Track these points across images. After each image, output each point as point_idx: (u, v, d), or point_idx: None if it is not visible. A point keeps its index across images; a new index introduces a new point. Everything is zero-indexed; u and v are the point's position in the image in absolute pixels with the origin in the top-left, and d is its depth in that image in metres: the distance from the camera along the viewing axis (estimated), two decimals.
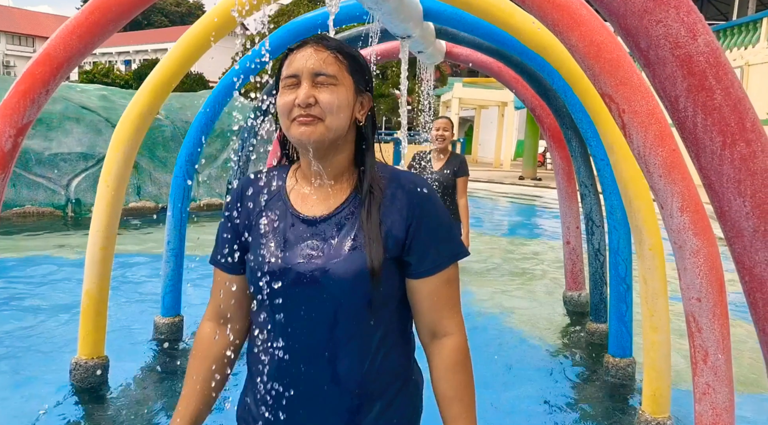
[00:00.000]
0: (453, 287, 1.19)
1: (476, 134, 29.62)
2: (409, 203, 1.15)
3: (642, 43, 1.10)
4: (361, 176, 1.18)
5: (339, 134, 1.13)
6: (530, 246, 7.51)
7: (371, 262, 1.09)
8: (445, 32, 3.54)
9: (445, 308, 1.17)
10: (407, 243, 1.14)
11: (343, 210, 1.16)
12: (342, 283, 1.10)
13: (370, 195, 1.14)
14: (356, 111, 1.18)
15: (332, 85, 1.11)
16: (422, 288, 1.16)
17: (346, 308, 1.12)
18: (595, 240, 3.75)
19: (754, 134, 1.06)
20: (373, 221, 1.12)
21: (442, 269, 1.16)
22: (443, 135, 4.91)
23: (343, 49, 1.15)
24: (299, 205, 1.18)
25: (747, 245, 1.07)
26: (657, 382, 2.42)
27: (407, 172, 1.21)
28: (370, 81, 1.21)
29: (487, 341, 3.82)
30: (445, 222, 1.19)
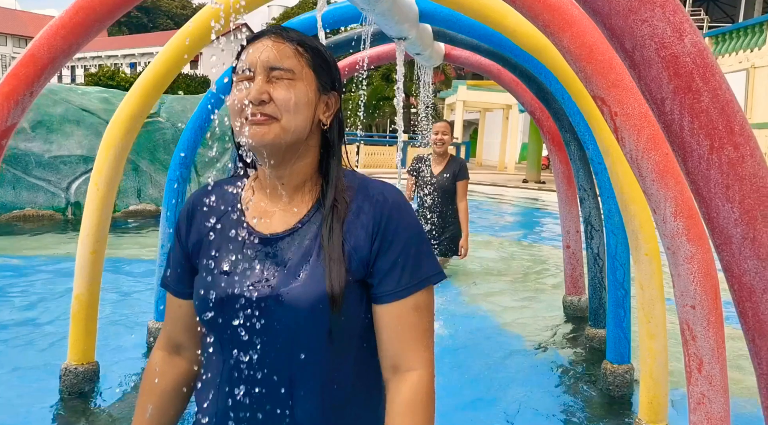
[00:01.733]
0: (422, 316, 1.01)
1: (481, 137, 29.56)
2: (375, 216, 1.01)
3: (627, 43, 1.07)
4: (325, 186, 1.04)
5: (298, 137, 1.00)
6: (532, 250, 7.47)
7: (331, 286, 0.95)
8: (444, 34, 3.51)
9: (411, 340, 1.00)
10: (371, 262, 1.00)
11: (303, 226, 1.02)
12: (297, 311, 0.96)
13: (334, 209, 1.01)
14: (320, 112, 1.05)
15: (289, 81, 0.99)
16: (384, 315, 1.00)
17: (304, 340, 0.97)
18: (594, 244, 3.71)
19: (743, 138, 1.02)
20: (335, 239, 0.98)
21: (408, 294, 1.00)
22: (442, 139, 4.90)
23: (305, 42, 1.03)
24: (256, 221, 1.05)
25: (735, 252, 1.03)
26: (654, 390, 2.38)
27: (377, 181, 1.08)
28: (337, 79, 1.09)
29: (484, 345, 3.78)
30: (418, 240, 1.03)
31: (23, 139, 7.54)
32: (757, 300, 1.03)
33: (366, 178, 1.09)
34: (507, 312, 4.54)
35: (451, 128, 5.04)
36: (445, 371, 3.28)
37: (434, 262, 1.04)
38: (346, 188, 1.04)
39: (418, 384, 1.00)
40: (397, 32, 2.85)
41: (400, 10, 2.55)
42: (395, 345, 1.00)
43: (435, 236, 5.06)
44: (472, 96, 24.77)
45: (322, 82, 1.04)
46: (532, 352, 3.72)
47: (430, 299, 1.04)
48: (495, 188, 15.94)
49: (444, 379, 3.16)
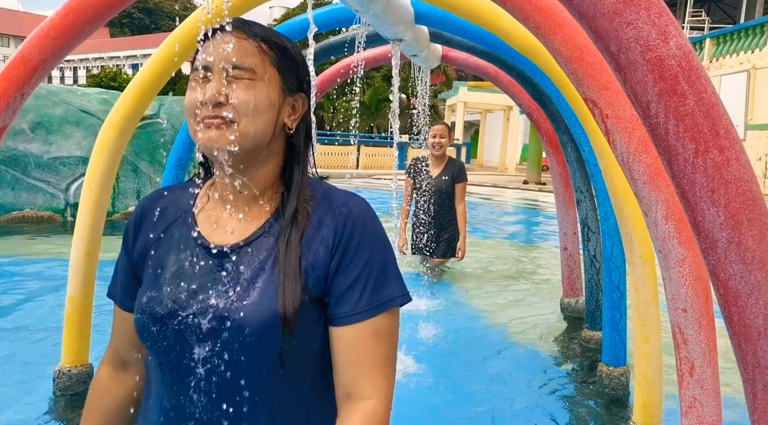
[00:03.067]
0: (382, 342, 0.92)
1: (482, 138, 29.57)
2: (337, 229, 0.92)
3: (612, 46, 1.06)
4: (286, 195, 0.96)
5: (258, 142, 0.92)
6: (531, 251, 7.46)
7: (284, 306, 0.86)
8: (440, 36, 3.51)
9: (367, 367, 0.90)
10: (329, 280, 0.91)
11: (258, 238, 0.93)
12: (245, 332, 0.86)
13: (294, 221, 0.93)
14: (284, 115, 0.96)
15: (249, 81, 0.90)
16: (340, 338, 0.91)
17: (251, 363, 0.88)
18: (591, 246, 3.70)
19: (728, 141, 1.01)
20: (293, 254, 0.90)
21: (368, 317, 0.90)
22: (440, 142, 4.89)
23: (270, 38, 0.94)
24: (208, 231, 0.96)
25: (721, 256, 1.03)
26: (648, 393, 2.37)
27: (343, 191, 0.99)
28: (305, 80, 1.00)
29: (480, 346, 3.78)
30: (382, 258, 0.93)
31: (22, 140, 7.54)
32: (743, 305, 1.02)
33: (331, 188, 1.01)
34: (504, 314, 4.53)
35: (449, 130, 5.04)
36: (440, 371, 3.28)
37: (399, 282, 0.95)
38: (309, 198, 0.96)
39: (370, 415, 0.90)
40: (393, 34, 2.85)
41: (394, 12, 2.55)
42: (350, 371, 0.91)
43: (433, 238, 5.05)
44: (472, 97, 24.78)
45: (287, 83, 0.96)
46: (529, 354, 3.71)
47: (393, 323, 0.94)
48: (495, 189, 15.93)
49: (439, 379, 3.18)
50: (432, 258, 5.15)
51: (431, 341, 3.79)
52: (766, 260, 1.01)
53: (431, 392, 3.04)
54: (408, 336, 3.77)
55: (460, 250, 4.96)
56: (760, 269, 1.01)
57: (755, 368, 1.03)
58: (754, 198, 1.01)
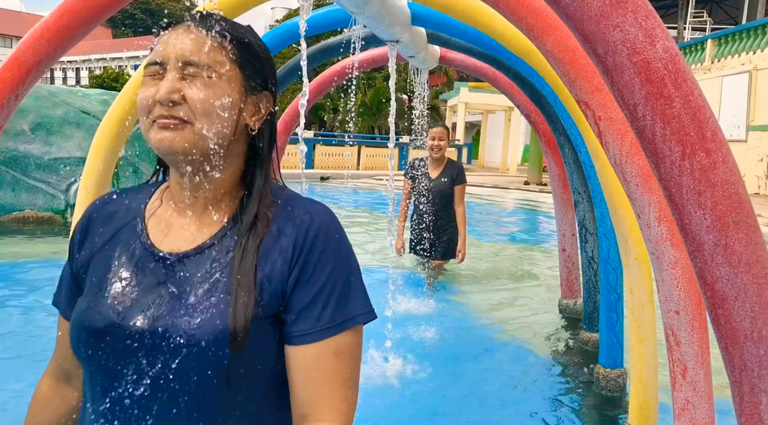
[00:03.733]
0: (344, 363, 0.85)
1: (483, 139, 29.55)
2: (297, 240, 0.85)
3: (599, 48, 1.06)
4: (245, 201, 0.90)
5: (216, 144, 0.85)
6: (530, 252, 7.45)
7: (234, 321, 0.79)
8: (437, 37, 3.51)
9: (326, 388, 0.83)
10: (287, 295, 0.84)
11: (212, 246, 0.86)
12: (189, 348, 0.79)
13: (252, 229, 0.86)
14: (247, 115, 0.89)
15: (207, 79, 0.84)
16: (298, 357, 0.84)
17: (195, 383, 0.80)
18: (589, 248, 3.69)
19: (714, 144, 1.01)
20: (248, 265, 0.83)
21: (329, 335, 0.84)
22: (439, 145, 4.85)
23: (231, 33, 0.88)
24: (158, 237, 0.89)
25: (708, 259, 1.03)
26: (644, 395, 2.36)
27: (307, 199, 0.93)
28: (271, 78, 0.94)
29: (478, 347, 3.78)
30: (346, 272, 0.87)
31: (23, 141, 7.56)
32: (729, 307, 1.02)
33: (295, 195, 0.94)
34: (502, 315, 4.53)
35: (448, 132, 5.02)
36: (437, 372, 3.28)
37: (364, 298, 0.88)
38: (269, 205, 0.89)
39: None
40: (389, 35, 2.85)
41: (390, 14, 2.55)
42: (307, 392, 0.84)
43: (432, 240, 5.04)
44: (473, 98, 24.77)
45: (250, 81, 0.89)
46: (526, 355, 3.71)
47: (356, 342, 0.87)
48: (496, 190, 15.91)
49: (435, 380, 3.18)
50: (431, 260, 5.15)
51: (429, 341, 3.79)
52: (752, 263, 1.00)
53: (428, 392, 3.04)
54: (406, 336, 3.77)
55: (460, 252, 4.95)
56: (746, 271, 1.01)
57: (742, 371, 1.03)
58: (740, 201, 1.01)
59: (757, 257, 1.01)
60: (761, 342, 1.00)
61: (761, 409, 1.02)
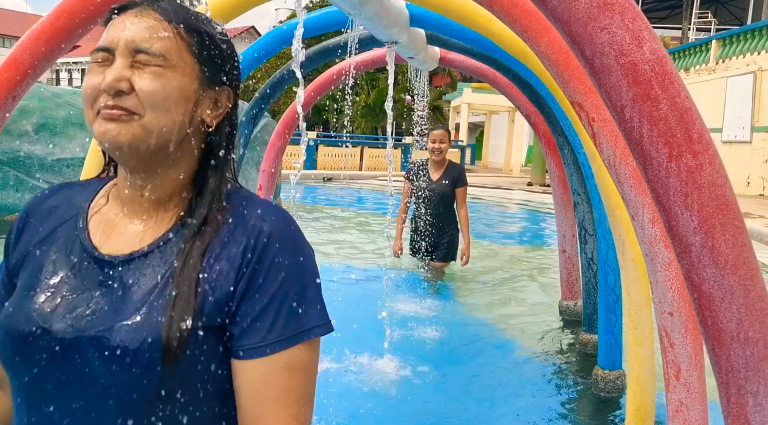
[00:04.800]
0: (296, 379, 0.78)
1: (486, 140, 29.53)
2: (247, 246, 0.78)
3: (587, 50, 1.06)
4: (195, 202, 0.83)
5: (166, 140, 0.79)
6: (532, 253, 7.44)
7: (168, 334, 0.72)
8: (437, 38, 3.51)
9: (275, 406, 0.77)
10: (233, 305, 0.77)
11: (155, 250, 0.80)
12: (119, 360, 0.72)
13: (199, 234, 0.79)
14: (203, 111, 0.83)
15: (159, 68, 0.77)
16: (245, 373, 0.77)
17: (126, 399, 0.73)
18: (588, 249, 3.69)
19: (701, 146, 1.02)
20: (190, 272, 0.76)
21: (278, 349, 0.77)
22: (440, 147, 4.83)
23: (189, 21, 0.81)
24: (99, 237, 0.82)
25: (695, 261, 1.03)
26: (641, 396, 2.36)
27: (264, 202, 0.85)
28: (232, 73, 0.87)
29: (477, 349, 3.78)
30: (300, 281, 0.80)
31: (27, 141, 7.59)
32: (716, 309, 1.02)
33: (252, 197, 0.86)
34: (503, 317, 4.53)
35: (449, 134, 5.01)
36: (435, 373, 3.28)
37: (320, 310, 0.81)
38: (221, 208, 0.83)
39: None
40: (387, 36, 2.85)
41: (388, 14, 2.55)
42: (255, 409, 0.77)
43: (433, 242, 5.03)
44: (477, 99, 24.75)
45: (208, 74, 0.83)
46: (525, 357, 3.70)
47: (311, 356, 0.80)
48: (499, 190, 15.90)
49: (434, 381, 3.18)
50: (432, 262, 5.14)
51: (427, 342, 3.79)
52: (739, 265, 1.01)
53: (426, 393, 3.05)
54: (403, 336, 3.78)
55: (465, 255, 4.94)
56: (733, 273, 1.01)
57: (728, 372, 1.03)
58: (727, 203, 1.01)
59: (743, 259, 1.01)
60: (747, 344, 1.01)
61: (747, 410, 1.02)
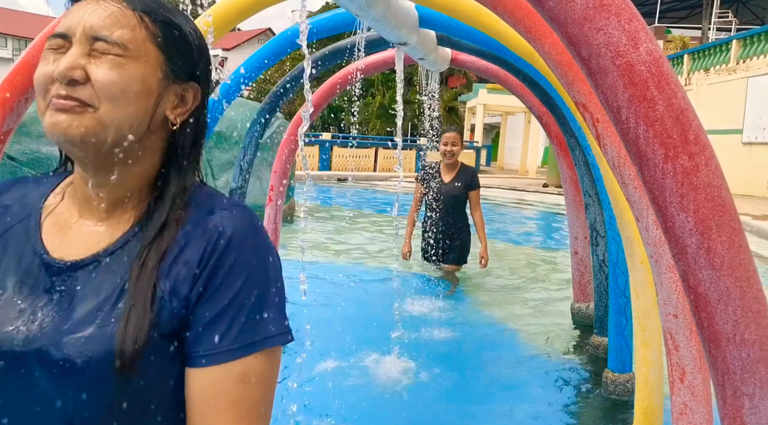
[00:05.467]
0: (251, 390, 0.73)
1: (502, 141, 29.41)
2: (206, 249, 0.74)
3: (583, 51, 1.07)
4: (154, 204, 0.78)
5: (123, 136, 0.73)
6: (545, 255, 7.40)
7: (122, 344, 0.68)
8: (447, 39, 3.51)
9: (225, 418, 0.71)
10: (189, 310, 0.73)
11: (110, 255, 0.75)
12: (70, 373, 0.68)
13: (157, 238, 0.74)
14: (166, 106, 0.78)
15: (118, 58, 0.72)
16: (196, 381, 0.72)
17: (78, 412, 0.69)
18: (600, 251, 3.67)
19: (698, 147, 1.01)
20: (146, 279, 0.71)
21: (232, 358, 0.72)
22: (452, 150, 4.81)
23: (156, 10, 0.76)
24: (51, 239, 0.77)
25: (691, 262, 1.03)
26: (649, 399, 2.34)
27: (228, 202, 0.80)
28: (201, 68, 0.82)
29: (488, 350, 3.78)
30: (260, 287, 0.75)
31: (46, 142, 7.70)
32: (712, 310, 1.02)
33: (213, 195, 0.82)
34: (515, 319, 4.51)
35: (461, 137, 4.99)
36: (444, 376, 3.28)
37: (280, 317, 0.76)
38: (182, 208, 0.77)
39: None
40: (396, 38, 2.86)
41: (396, 16, 2.56)
42: (202, 420, 0.72)
43: (444, 245, 5.01)
44: (492, 100, 24.66)
45: (174, 68, 0.78)
46: (536, 359, 3.69)
47: (268, 366, 0.75)
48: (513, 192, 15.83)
49: (444, 382, 3.18)
50: (444, 265, 5.12)
51: (437, 343, 3.79)
52: (735, 266, 1.00)
53: (434, 394, 3.05)
54: (414, 338, 3.78)
55: (483, 258, 4.92)
56: (729, 275, 1.00)
57: (725, 374, 1.02)
58: (723, 204, 1.01)
59: (740, 261, 1.00)
60: (744, 346, 1.00)
61: (743, 412, 1.02)
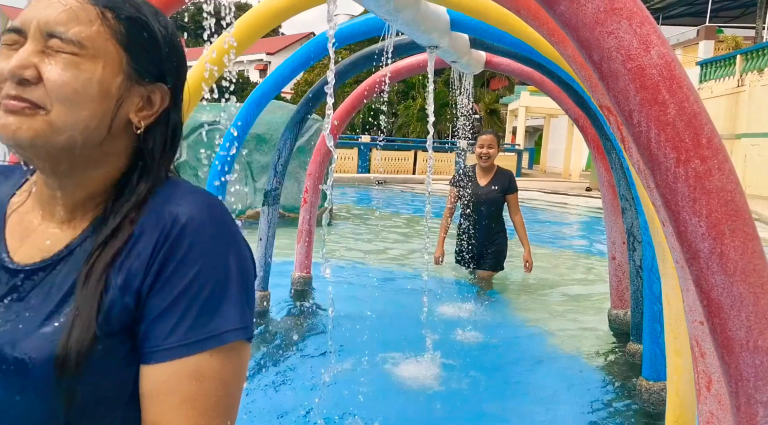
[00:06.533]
0: (205, 389, 0.68)
1: (545, 144, 28.98)
2: (158, 240, 0.69)
3: (594, 55, 1.07)
4: (112, 206, 0.73)
5: (77, 140, 0.69)
6: (583, 260, 7.28)
7: (65, 347, 0.65)
8: (481, 42, 3.51)
9: (177, 415, 0.67)
10: (140, 303, 0.69)
11: (65, 258, 0.72)
12: (21, 376, 0.66)
13: (110, 238, 0.70)
14: (129, 109, 0.73)
15: (73, 57, 0.67)
16: (145, 379, 0.69)
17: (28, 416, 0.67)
18: (636, 256, 3.59)
19: (710, 151, 1.00)
20: (93, 283, 0.68)
21: (183, 354, 0.67)
22: (488, 153, 4.76)
23: (120, 5, 0.71)
24: (13, 240, 0.75)
25: (703, 267, 1.02)
26: (680, 409, 2.29)
27: (190, 190, 0.75)
28: (170, 68, 0.77)
29: (522, 355, 3.74)
30: (216, 279, 0.69)
31: None
32: (725, 316, 1.01)
33: (177, 185, 0.77)
34: (550, 324, 4.45)
35: (498, 140, 4.93)
36: (477, 380, 3.26)
37: (239, 312, 0.70)
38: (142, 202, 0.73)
39: None
40: (427, 41, 2.88)
41: (425, 20, 2.58)
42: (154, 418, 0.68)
43: (480, 250, 4.96)
44: (534, 102, 24.34)
45: (138, 68, 0.73)
46: (570, 366, 3.64)
47: (228, 364, 0.70)
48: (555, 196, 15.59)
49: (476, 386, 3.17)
50: (479, 271, 5.07)
51: (469, 346, 3.78)
52: (749, 272, 0.99)
53: (468, 398, 3.04)
54: (446, 340, 3.78)
55: (527, 262, 4.87)
56: (742, 280, 0.99)
57: (738, 381, 1.01)
58: (737, 209, 0.99)
59: (753, 266, 0.99)
60: (757, 353, 0.98)
61: (758, 421, 1.00)
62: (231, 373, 0.70)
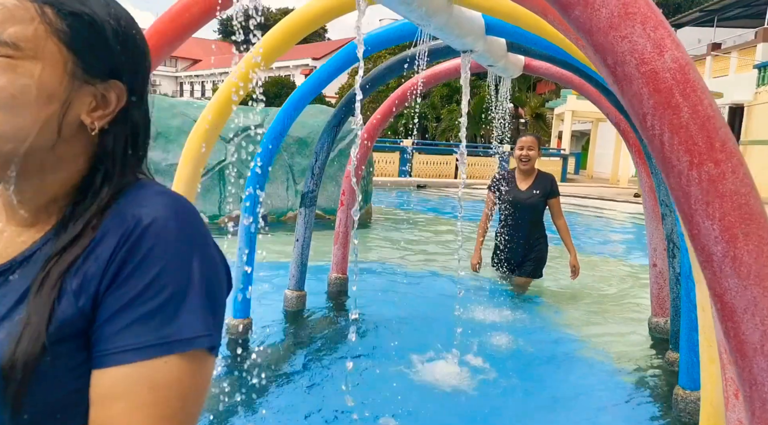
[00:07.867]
0: (161, 399, 0.63)
1: (592, 148, 28.40)
2: (118, 242, 0.66)
3: (609, 59, 1.08)
4: (72, 211, 0.71)
5: (18, 148, 0.66)
6: (627, 267, 7.12)
7: (11, 358, 0.61)
8: (518, 46, 3.50)
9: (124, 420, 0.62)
10: (96, 306, 0.66)
11: (23, 262, 0.70)
12: None
13: (69, 245, 0.68)
14: (80, 110, 0.70)
15: (8, 59, 0.65)
16: (95, 383, 0.64)
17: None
18: (676, 263, 3.51)
19: (724, 154, 1.00)
20: (47, 289, 0.65)
21: (136, 359, 0.63)
22: (528, 155, 4.70)
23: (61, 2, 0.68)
24: None
25: (717, 270, 1.01)
26: (714, 418, 2.23)
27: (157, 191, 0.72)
28: (125, 63, 0.72)
29: (558, 362, 3.70)
30: (181, 281, 0.66)
31: None
32: (739, 320, 1.00)
33: (148, 188, 0.73)
34: (588, 331, 4.38)
35: (538, 142, 4.87)
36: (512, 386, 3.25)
37: (201, 318, 0.66)
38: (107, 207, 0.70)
39: None
40: (461, 45, 2.90)
41: (459, 25, 2.60)
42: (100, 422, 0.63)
43: (520, 256, 4.90)
44: (581, 106, 23.90)
45: (86, 66, 0.69)
46: (607, 373, 3.58)
47: (188, 373, 0.65)
48: (601, 201, 15.26)
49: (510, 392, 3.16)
50: (516, 277, 5.01)
51: (505, 352, 3.76)
52: (763, 276, 0.98)
53: (502, 403, 3.04)
54: (482, 345, 3.77)
55: (574, 267, 4.80)
56: (756, 284, 0.98)
57: (752, 386, 1.00)
58: (751, 212, 0.99)
59: None
60: None
61: None
62: (189, 384, 0.65)
